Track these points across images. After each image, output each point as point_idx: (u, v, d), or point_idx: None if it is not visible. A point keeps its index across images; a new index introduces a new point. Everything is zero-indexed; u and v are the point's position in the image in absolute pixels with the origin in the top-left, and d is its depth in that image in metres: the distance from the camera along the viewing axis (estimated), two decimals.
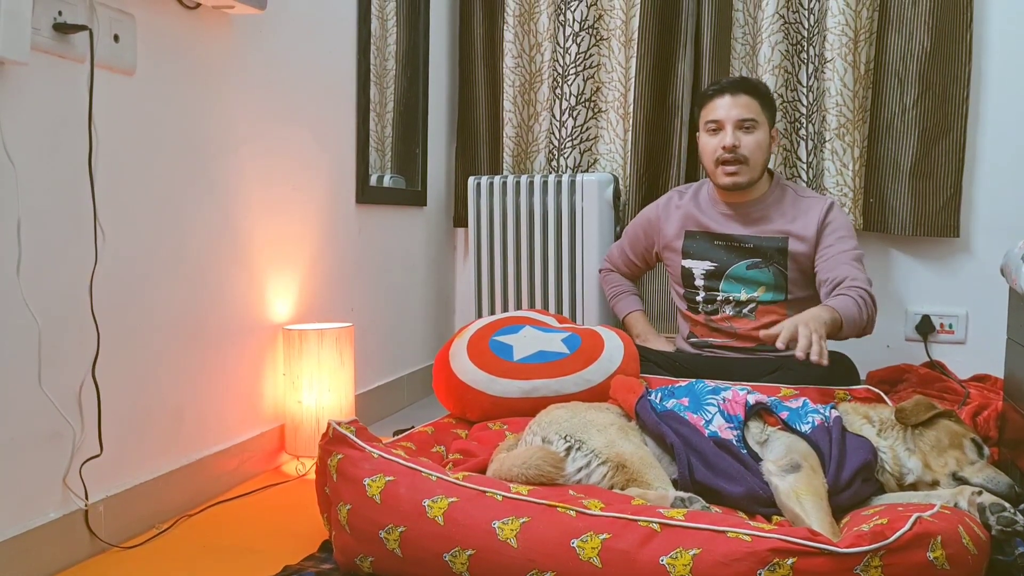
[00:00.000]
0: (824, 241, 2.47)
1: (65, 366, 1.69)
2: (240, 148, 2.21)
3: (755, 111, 2.49)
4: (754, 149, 2.47)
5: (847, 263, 2.40)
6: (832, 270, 2.40)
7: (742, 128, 2.47)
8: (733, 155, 2.46)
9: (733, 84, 2.51)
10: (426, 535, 1.53)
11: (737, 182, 2.48)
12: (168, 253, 1.98)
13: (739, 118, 2.47)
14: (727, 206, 2.57)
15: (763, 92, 2.55)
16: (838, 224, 2.49)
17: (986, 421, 2.33)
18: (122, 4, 1.79)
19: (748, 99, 2.48)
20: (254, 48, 2.25)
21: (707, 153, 2.53)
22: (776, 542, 1.36)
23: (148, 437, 1.93)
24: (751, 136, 2.47)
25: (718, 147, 2.48)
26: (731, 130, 2.47)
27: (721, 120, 2.48)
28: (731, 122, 2.47)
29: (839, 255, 2.42)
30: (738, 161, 2.46)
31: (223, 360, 2.18)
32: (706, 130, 2.53)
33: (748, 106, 2.48)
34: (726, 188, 2.52)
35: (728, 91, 2.50)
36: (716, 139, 2.49)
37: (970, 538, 1.43)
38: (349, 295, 2.77)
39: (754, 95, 2.50)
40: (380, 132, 2.99)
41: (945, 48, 2.90)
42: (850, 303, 2.26)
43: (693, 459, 1.79)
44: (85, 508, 1.73)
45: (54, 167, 1.66)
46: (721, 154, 2.47)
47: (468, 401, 2.25)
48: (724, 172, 2.49)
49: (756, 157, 2.48)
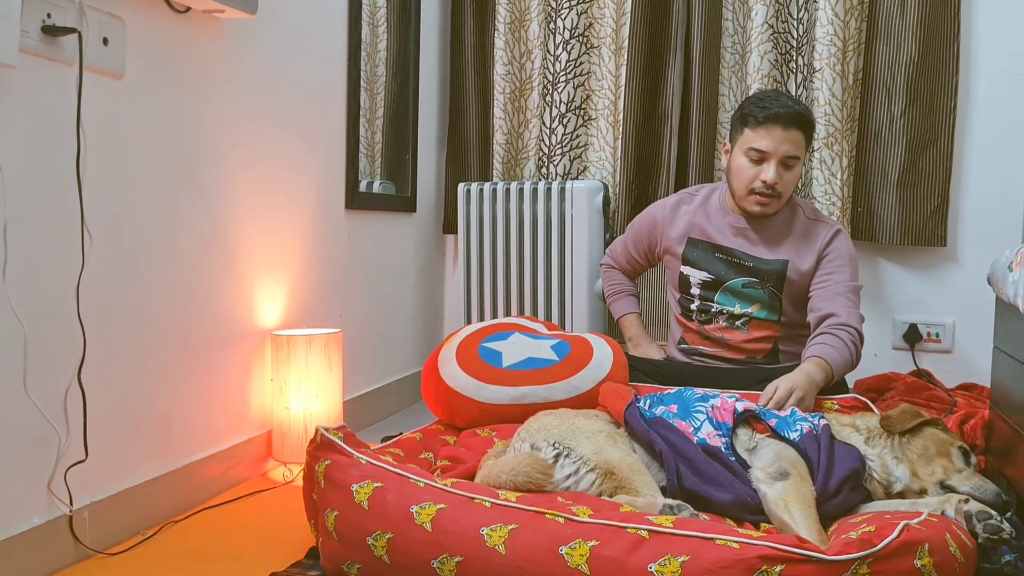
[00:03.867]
0: (823, 268, 2.45)
1: (51, 371, 1.68)
2: (230, 153, 2.21)
3: (801, 148, 2.40)
4: (790, 184, 2.42)
5: (842, 295, 2.38)
6: (825, 300, 2.38)
7: (784, 164, 2.39)
8: (771, 191, 2.40)
9: (788, 117, 2.36)
10: (414, 542, 1.52)
11: (766, 212, 2.45)
12: (156, 258, 1.97)
13: (786, 155, 2.37)
14: (738, 218, 2.53)
15: (811, 124, 2.46)
16: (839, 253, 2.45)
17: (973, 429, 2.34)
18: (112, 7, 1.79)
19: (799, 135, 2.38)
20: (244, 53, 2.25)
21: (742, 178, 2.43)
22: (764, 549, 1.36)
23: (134, 442, 1.92)
24: (791, 173, 2.41)
25: (757, 178, 2.39)
26: (775, 166, 2.37)
27: (768, 153, 2.37)
28: (777, 157, 2.37)
29: (835, 285, 2.40)
30: (773, 196, 2.41)
31: (211, 365, 2.17)
32: (746, 154, 2.40)
33: (797, 143, 2.38)
34: (752, 215, 2.48)
35: (782, 123, 2.36)
36: (756, 169, 2.39)
37: (957, 546, 1.44)
38: (338, 301, 2.76)
39: (804, 130, 2.40)
40: (370, 138, 2.98)
41: (932, 59, 2.92)
42: (842, 349, 2.26)
43: (681, 466, 1.79)
44: (70, 514, 1.72)
45: (42, 170, 1.65)
46: (759, 186, 2.39)
47: (457, 407, 2.24)
48: (756, 202, 2.42)
49: (788, 191, 2.44)
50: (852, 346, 2.29)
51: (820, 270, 2.45)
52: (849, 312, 2.35)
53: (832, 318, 2.33)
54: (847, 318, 2.33)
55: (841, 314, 2.34)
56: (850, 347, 2.28)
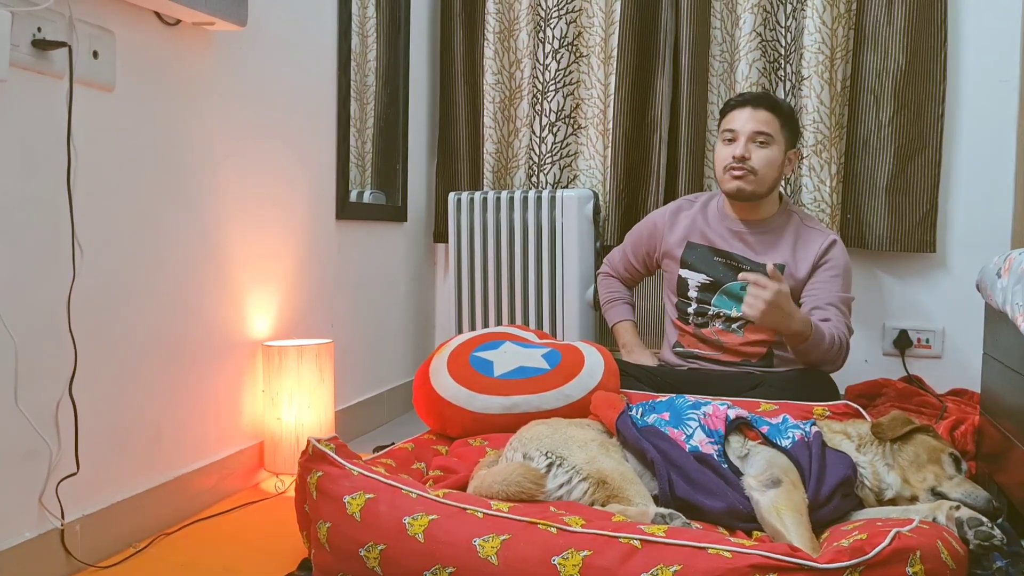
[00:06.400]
0: (816, 276, 2.48)
1: (42, 383, 1.68)
2: (220, 164, 2.21)
3: (773, 128, 2.49)
4: (764, 164, 2.47)
5: (833, 305, 2.42)
6: (816, 309, 2.41)
7: (756, 141, 2.47)
8: (741, 164, 2.46)
9: (756, 98, 2.52)
10: (407, 553, 1.52)
11: (741, 187, 2.48)
12: (147, 270, 1.97)
13: (754, 130, 2.47)
14: (735, 222, 2.57)
15: (785, 111, 2.55)
16: (835, 263, 2.49)
17: (963, 435, 2.35)
18: (102, 20, 1.79)
19: (768, 115, 2.49)
20: (234, 65, 2.25)
21: (718, 161, 2.54)
22: (756, 558, 1.37)
23: (126, 455, 1.91)
24: (763, 150, 2.48)
25: (728, 155, 2.49)
26: (744, 141, 2.47)
27: (736, 131, 2.49)
28: (746, 134, 2.47)
29: (827, 295, 2.43)
30: (745, 170, 2.47)
31: (202, 377, 2.17)
32: (722, 139, 2.54)
33: (766, 121, 2.48)
34: (730, 194, 2.52)
35: (750, 104, 2.50)
36: (729, 148, 2.50)
37: (948, 553, 1.44)
38: (329, 311, 2.76)
39: (775, 112, 2.50)
40: (360, 148, 2.99)
41: (920, 66, 2.93)
42: (825, 335, 2.31)
43: (673, 475, 1.79)
44: (61, 527, 1.71)
45: (32, 183, 1.65)
46: (730, 162, 2.48)
47: (448, 417, 2.24)
48: (731, 176, 2.49)
49: (765, 172, 2.48)
50: (838, 340, 2.34)
51: (814, 278, 2.48)
52: (837, 321, 2.38)
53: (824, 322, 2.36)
54: (837, 323, 2.36)
55: (832, 318, 2.37)
56: (834, 341, 2.32)
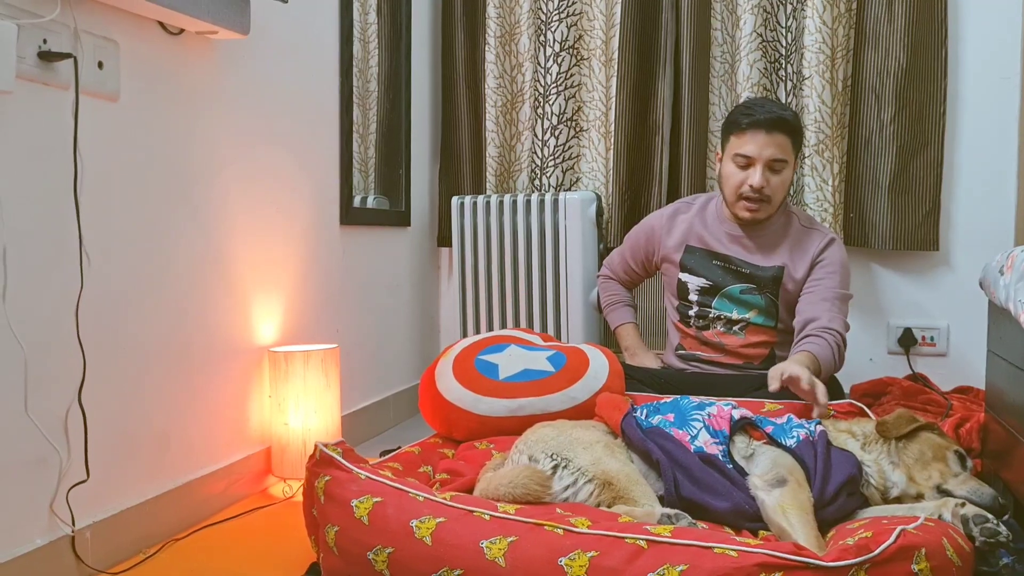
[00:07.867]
0: (814, 274, 2.48)
1: (51, 391, 1.69)
2: (224, 172, 2.22)
3: (787, 152, 2.43)
4: (778, 188, 2.45)
5: (828, 301, 2.41)
6: (810, 305, 2.42)
7: (771, 168, 2.42)
8: (759, 195, 2.43)
9: (771, 122, 2.41)
10: (414, 556, 1.53)
11: (756, 218, 2.47)
12: (153, 277, 1.98)
13: (771, 158, 2.41)
14: (733, 226, 2.56)
15: (797, 129, 2.50)
16: (831, 260, 2.48)
17: (969, 433, 2.35)
18: (106, 31, 1.80)
19: (783, 139, 2.42)
20: (237, 72, 2.26)
21: (731, 184, 2.47)
22: (762, 557, 1.37)
23: (134, 462, 1.93)
24: (779, 176, 2.44)
25: (744, 183, 2.43)
26: (761, 170, 2.41)
27: (753, 158, 2.42)
28: (763, 162, 2.41)
29: (823, 291, 2.44)
30: (761, 200, 2.44)
31: (209, 383, 2.18)
32: (734, 160, 2.46)
33: (782, 146, 2.42)
34: (743, 221, 2.51)
35: (765, 128, 2.40)
36: (743, 175, 2.43)
37: (954, 550, 1.44)
38: (334, 316, 2.77)
39: (789, 134, 2.44)
40: (363, 154, 3.00)
41: (921, 65, 2.94)
42: (826, 349, 2.31)
43: (679, 475, 1.79)
44: (72, 534, 1.72)
45: (39, 193, 1.66)
46: (747, 191, 2.43)
47: (454, 420, 2.25)
48: (745, 207, 2.46)
49: (778, 196, 2.46)
50: (835, 347, 2.33)
51: (812, 275, 2.48)
52: (832, 316, 2.38)
53: (815, 322, 2.37)
54: (829, 321, 2.36)
55: (823, 318, 2.37)
56: (832, 348, 2.32)
